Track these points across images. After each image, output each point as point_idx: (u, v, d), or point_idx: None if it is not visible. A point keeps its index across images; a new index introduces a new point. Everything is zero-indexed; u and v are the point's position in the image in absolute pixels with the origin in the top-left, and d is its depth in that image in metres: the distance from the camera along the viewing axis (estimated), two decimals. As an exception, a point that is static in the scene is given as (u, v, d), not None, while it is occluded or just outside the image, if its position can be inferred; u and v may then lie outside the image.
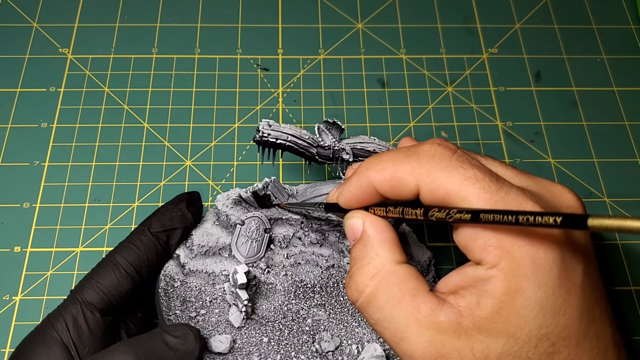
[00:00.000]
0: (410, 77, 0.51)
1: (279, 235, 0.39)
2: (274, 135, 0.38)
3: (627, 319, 0.42)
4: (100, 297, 0.33)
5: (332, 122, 0.39)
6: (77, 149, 0.47)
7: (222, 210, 0.39)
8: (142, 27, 0.53)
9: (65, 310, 0.33)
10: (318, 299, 0.38)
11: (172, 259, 0.38)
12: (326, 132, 0.39)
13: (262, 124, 0.38)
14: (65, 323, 0.32)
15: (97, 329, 0.33)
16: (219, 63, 0.51)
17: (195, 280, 0.37)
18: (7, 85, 0.49)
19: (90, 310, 0.33)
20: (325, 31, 0.53)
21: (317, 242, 0.40)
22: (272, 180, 0.39)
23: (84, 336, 0.32)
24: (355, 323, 0.37)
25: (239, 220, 0.39)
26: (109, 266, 0.34)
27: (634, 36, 0.54)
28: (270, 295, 0.38)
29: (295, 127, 0.38)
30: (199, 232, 0.39)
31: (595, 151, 0.48)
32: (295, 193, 0.40)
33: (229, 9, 0.54)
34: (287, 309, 0.37)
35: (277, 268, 0.39)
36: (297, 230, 0.40)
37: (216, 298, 0.37)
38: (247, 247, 0.38)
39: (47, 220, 0.44)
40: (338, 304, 0.38)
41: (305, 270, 0.39)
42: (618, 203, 0.46)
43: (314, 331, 0.37)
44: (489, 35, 0.54)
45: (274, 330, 0.36)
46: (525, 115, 0.49)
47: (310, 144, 0.38)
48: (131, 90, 0.49)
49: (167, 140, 0.47)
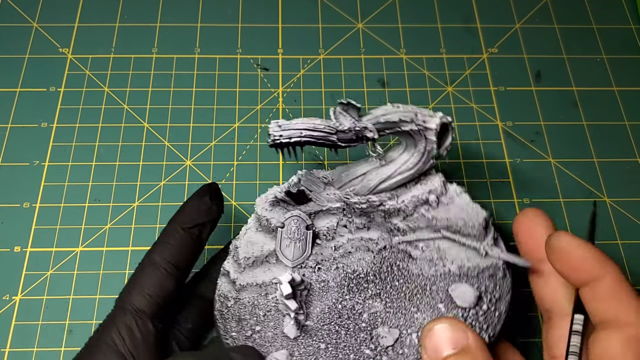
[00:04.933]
0: (411, 77, 0.51)
1: (323, 228, 0.38)
2: (287, 134, 0.35)
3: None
4: (147, 301, 0.33)
5: (347, 103, 0.35)
6: (77, 148, 0.47)
7: (262, 215, 0.37)
8: (142, 27, 0.53)
9: (117, 320, 0.33)
10: (372, 288, 0.36)
11: (223, 276, 0.37)
12: (343, 114, 0.36)
13: (272, 126, 0.35)
14: (120, 333, 0.32)
15: (150, 336, 0.32)
16: (219, 63, 0.51)
17: (247, 294, 0.36)
18: (7, 85, 0.49)
19: (141, 318, 0.33)
20: (325, 31, 0.53)
21: (363, 227, 0.37)
22: (303, 173, 0.37)
23: (139, 345, 0.32)
24: (414, 308, 0.35)
25: (279, 223, 0.37)
26: (149, 268, 0.34)
27: (634, 36, 0.54)
28: (323, 295, 0.36)
29: (307, 119, 0.36)
30: (242, 242, 0.37)
31: (596, 151, 0.48)
32: (331, 180, 0.38)
33: (229, 9, 0.54)
34: (342, 306, 0.36)
35: (327, 263, 0.37)
36: (340, 219, 0.38)
37: (269, 310, 0.36)
38: (292, 250, 0.37)
39: (47, 220, 0.44)
40: (394, 290, 0.36)
41: (357, 258, 0.37)
42: (618, 203, 0.46)
43: (371, 327, 0.35)
44: (489, 35, 0.54)
45: (330, 334, 0.35)
46: (525, 115, 0.49)
47: (329, 132, 0.36)
48: (131, 90, 0.49)
49: (167, 140, 0.47)
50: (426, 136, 0.35)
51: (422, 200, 0.36)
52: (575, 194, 0.46)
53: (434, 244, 0.36)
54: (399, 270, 0.36)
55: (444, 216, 0.36)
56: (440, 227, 0.36)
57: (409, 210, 0.36)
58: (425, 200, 0.36)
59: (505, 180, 0.47)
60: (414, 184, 0.37)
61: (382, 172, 0.36)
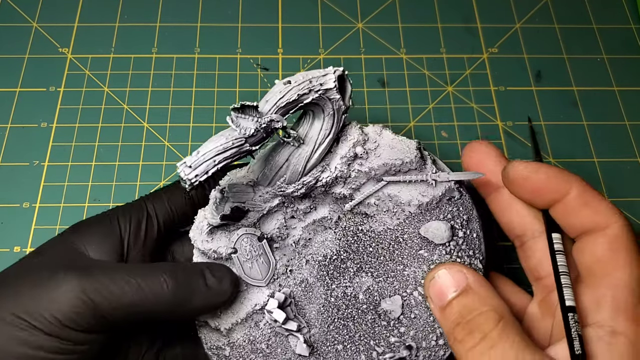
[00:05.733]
0: (411, 77, 0.51)
1: (274, 231, 0.36)
2: (202, 170, 0.30)
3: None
4: (166, 211, 0.35)
5: (240, 106, 0.32)
6: (77, 148, 0.47)
7: (205, 248, 0.35)
8: (142, 27, 0.53)
9: (133, 211, 0.34)
10: (351, 265, 0.35)
11: (203, 327, 0.35)
12: (243, 117, 0.32)
13: (182, 170, 0.30)
14: (130, 222, 0.34)
15: (150, 240, 0.34)
16: (219, 63, 0.51)
17: (238, 334, 0.34)
18: (7, 85, 0.49)
19: (152, 222, 0.35)
20: (325, 31, 0.53)
21: (310, 209, 0.36)
22: (226, 188, 0.34)
23: (139, 241, 0.34)
24: (400, 267, 0.34)
25: (230, 249, 0.34)
26: (181, 189, 0.36)
27: (634, 36, 0.54)
28: (310, 295, 0.35)
29: (211, 144, 0.31)
30: None
31: (596, 151, 0.48)
32: (257, 180, 0.35)
33: (229, 9, 0.54)
34: (335, 297, 0.34)
35: (295, 261, 0.36)
36: (285, 213, 0.36)
37: (269, 339, 0.34)
38: (257, 269, 0.35)
39: (47, 220, 0.44)
40: (371, 257, 0.35)
41: (320, 241, 0.36)
42: (618, 203, 0.46)
43: (373, 304, 0.34)
44: (489, 35, 0.54)
45: (340, 332, 0.34)
46: (525, 115, 0.49)
47: (239, 144, 0.31)
48: (131, 90, 0.49)
49: (167, 140, 0.47)
50: (329, 97, 0.33)
51: (351, 157, 0.35)
52: (575, 194, 0.46)
53: (384, 193, 0.35)
54: (365, 234, 0.35)
55: (378, 163, 0.35)
56: (380, 175, 0.35)
57: (345, 173, 0.35)
58: (354, 155, 0.35)
59: (505, 180, 0.46)
60: (336, 145, 0.35)
61: (304, 152, 0.34)
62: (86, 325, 0.28)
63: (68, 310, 0.28)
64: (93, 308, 0.28)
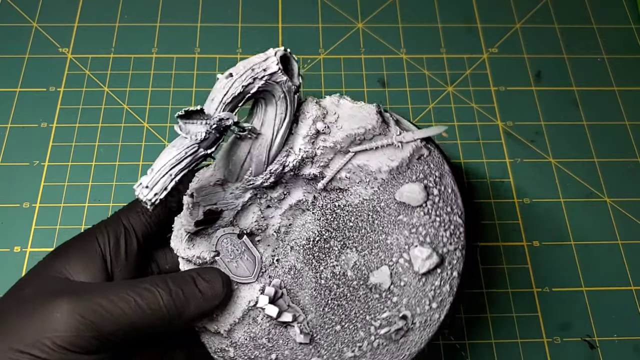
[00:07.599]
0: (411, 77, 0.51)
1: (252, 224, 0.35)
2: (160, 187, 0.29)
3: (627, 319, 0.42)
4: (143, 224, 0.35)
5: (185, 112, 0.31)
6: (77, 148, 0.47)
7: (189, 256, 0.34)
8: (142, 27, 0.53)
9: (110, 227, 0.34)
10: (335, 243, 0.35)
11: (203, 333, 0.35)
12: (190, 122, 0.31)
13: (139, 192, 0.29)
14: (109, 239, 0.33)
15: (132, 255, 0.34)
16: (219, 63, 0.51)
17: (238, 333, 0.34)
18: (7, 85, 0.49)
19: (130, 236, 0.34)
20: (325, 31, 0.53)
21: (284, 195, 0.35)
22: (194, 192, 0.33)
23: (121, 257, 0.33)
24: (382, 236, 0.34)
25: (212, 252, 0.34)
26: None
27: (634, 36, 0.54)
28: (300, 281, 0.35)
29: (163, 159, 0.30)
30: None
31: (596, 151, 0.48)
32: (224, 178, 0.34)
33: (229, 9, 0.54)
34: (325, 279, 0.34)
35: (280, 250, 0.36)
36: (259, 204, 0.35)
37: (269, 332, 0.34)
38: (244, 266, 0.35)
39: (47, 220, 0.44)
40: (353, 231, 0.34)
41: (300, 225, 0.35)
42: (618, 203, 0.46)
43: (362, 279, 0.33)
44: (489, 35, 0.54)
45: (336, 313, 0.34)
46: (525, 115, 0.49)
47: (193, 151, 0.30)
48: (131, 90, 0.49)
49: (167, 140, 0.47)
50: (276, 81, 0.32)
51: (314, 134, 0.34)
52: (575, 194, 0.46)
53: (353, 165, 0.34)
54: (343, 210, 0.35)
55: (342, 135, 0.34)
56: (346, 147, 0.34)
57: (310, 153, 0.34)
58: (316, 131, 0.34)
59: (505, 180, 0.46)
60: (296, 125, 0.35)
61: (263, 141, 0.34)
62: (89, 346, 0.28)
63: (69, 335, 0.28)
64: (93, 329, 0.28)
